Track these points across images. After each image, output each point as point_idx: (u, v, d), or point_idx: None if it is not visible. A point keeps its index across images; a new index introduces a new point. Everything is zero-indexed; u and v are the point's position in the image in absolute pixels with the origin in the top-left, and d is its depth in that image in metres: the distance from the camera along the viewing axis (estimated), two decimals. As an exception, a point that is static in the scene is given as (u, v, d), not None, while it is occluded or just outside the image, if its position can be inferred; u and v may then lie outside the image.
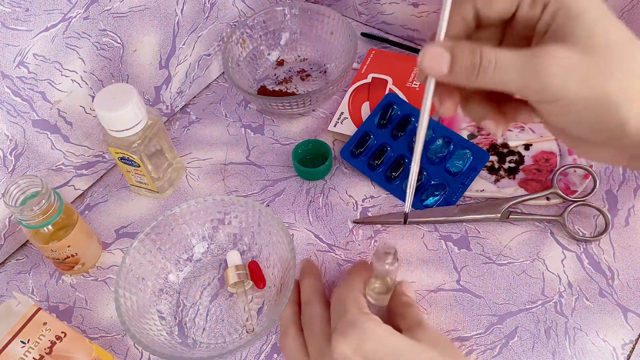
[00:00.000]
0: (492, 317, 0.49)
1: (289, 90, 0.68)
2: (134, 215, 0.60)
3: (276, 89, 0.69)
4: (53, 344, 0.43)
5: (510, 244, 0.53)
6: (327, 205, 0.58)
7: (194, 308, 0.52)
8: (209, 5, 0.65)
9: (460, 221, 0.55)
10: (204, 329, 0.50)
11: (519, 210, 0.55)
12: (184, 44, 0.64)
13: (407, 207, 0.40)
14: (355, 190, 0.59)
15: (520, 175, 0.57)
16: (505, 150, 0.58)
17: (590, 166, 0.55)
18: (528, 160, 0.57)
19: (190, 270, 0.54)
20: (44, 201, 0.48)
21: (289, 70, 0.71)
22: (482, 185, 0.56)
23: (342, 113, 0.64)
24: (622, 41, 0.30)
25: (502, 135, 0.58)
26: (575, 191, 0.54)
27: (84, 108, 0.57)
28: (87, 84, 0.56)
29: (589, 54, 0.30)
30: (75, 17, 0.51)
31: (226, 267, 0.52)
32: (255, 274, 0.52)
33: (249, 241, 0.54)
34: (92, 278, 0.55)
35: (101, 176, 0.63)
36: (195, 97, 0.70)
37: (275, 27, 0.71)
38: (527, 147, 0.58)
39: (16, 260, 0.57)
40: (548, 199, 0.54)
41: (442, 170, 0.57)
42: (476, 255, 0.52)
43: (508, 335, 0.48)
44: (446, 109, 0.35)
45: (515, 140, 0.59)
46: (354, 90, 0.66)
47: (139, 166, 0.55)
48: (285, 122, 0.66)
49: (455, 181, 0.56)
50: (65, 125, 0.56)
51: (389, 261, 0.45)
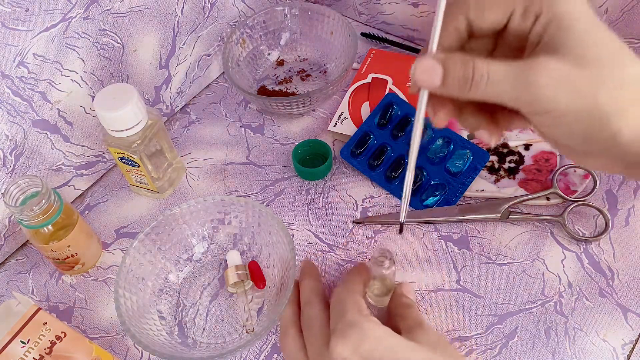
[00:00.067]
0: (492, 317, 0.49)
1: (289, 90, 0.68)
2: (134, 215, 0.60)
3: (276, 89, 0.69)
4: (53, 344, 0.43)
5: (510, 244, 0.53)
6: (327, 205, 0.58)
7: (194, 308, 0.52)
8: (209, 5, 0.65)
9: (460, 221, 0.55)
10: (204, 329, 0.50)
11: (519, 210, 0.55)
12: (184, 44, 0.64)
13: (402, 217, 0.40)
14: (355, 190, 0.59)
15: (520, 175, 0.57)
16: (505, 150, 0.58)
17: (590, 166, 0.55)
18: (528, 160, 0.57)
19: (190, 270, 0.54)
20: (44, 201, 0.48)
21: (289, 70, 0.71)
22: (482, 185, 0.56)
23: (342, 113, 0.64)
24: (613, 51, 0.30)
25: (503, 136, 0.58)
26: (575, 191, 0.54)
27: (84, 108, 0.57)
28: (87, 84, 0.56)
29: (580, 65, 0.30)
30: (75, 17, 0.51)
31: (226, 267, 0.52)
32: (255, 274, 0.52)
33: (249, 241, 0.54)
34: (92, 278, 0.55)
35: (101, 176, 0.63)
36: (195, 97, 0.70)
37: (275, 27, 0.71)
38: (527, 147, 0.58)
39: (16, 260, 0.57)
40: (548, 199, 0.54)
41: (442, 170, 0.57)
42: (476, 255, 0.52)
43: (508, 335, 0.47)
44: (439, 119, 0.35)
45: (515, 140, 0.59)
46: (354, 90, 0.66)
47: (139, 166, 0.55)
48: (285, 122, 0.66)
49: (455, 181, 0.56)
50: (65, 125, 0.56)
51: (385, 266, 0.45)
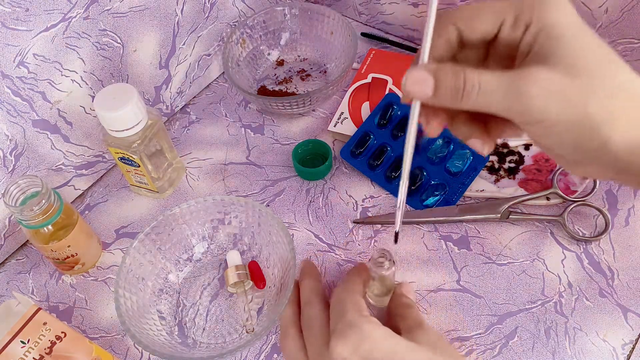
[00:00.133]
0: (492, 317, 0.49)
1: (289, 90, 0.68)
2: (134, 215, 0.60)
3: (276, 89, 0.69)
4: (53, 344, 0.43)
5: (510, 244, 0.53)
6: (327, 205, 0.58)
7: (194, 308, 0.52)
8: (209, 5, 0.65)
9: (460, 221, 0.55)
10: (204, 329, 0.50)
11: (519, 210, 0.55)
12: (184, 44, 0.64)
13: (397, 226, 0.40)
14: (355, 190, 0.59)
15: (520, 175, 0.57)
16: (505, 150, 0.58)
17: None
18: (528, 160, 0.57)
19: (190, 270, 0.54)
20: (44, 201, 0.48)
21: (289, 70, 0.71)
22: (482, 185, 0.56)
23: (342, 113, 0.64)
24: (603, 60, 0.30)
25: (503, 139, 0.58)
26: (575, 191, 0.54)
27: (84, 108, 0.57)
28: (87, 84, 0.56)
29: (570, 74, 0.30)
30: (75, 17, 0.51)
31: (226, 267, 0.52)
32: (255, 274, 0.52)
33: (249, 241, 0.54)
34: (92, 278, 0.55)
35: (101, 176, 0.63)
36: (195, 97, 0.70)
37: (275, 27, 0.71)
38: (527, 147, 0.58)
39: (16, 260, 0.57)
40: (548, 199, 0.54)
41: (442, 170, 0.57)
42: (476, 255, 0.52)
43: (508, 335, 0.47)
44: (432, 129, 0.35)
45: (515, 140, 0.59)
46: (354, 90, 0.66)
47: (139, 166, 0.55)
48: (285, 122, 0.66)
49: (455, 181, 0.56)
50: (65, 125, 0.56)
51: (385, 266, 0.45)
